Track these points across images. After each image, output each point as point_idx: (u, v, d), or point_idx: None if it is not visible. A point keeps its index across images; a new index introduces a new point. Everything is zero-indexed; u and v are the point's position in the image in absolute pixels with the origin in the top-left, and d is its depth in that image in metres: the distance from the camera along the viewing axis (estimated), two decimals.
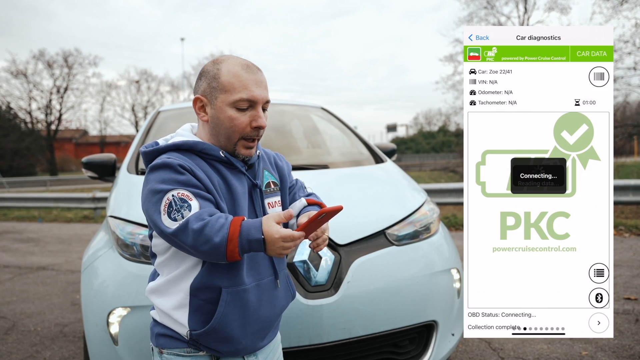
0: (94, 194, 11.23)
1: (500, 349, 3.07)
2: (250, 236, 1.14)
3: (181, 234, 1.15)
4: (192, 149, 1.29)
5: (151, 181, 1.22)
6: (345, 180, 2.75)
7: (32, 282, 5.34)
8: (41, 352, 3.32)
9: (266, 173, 1.43)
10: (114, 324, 1.97)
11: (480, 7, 24.93)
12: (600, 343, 3.06)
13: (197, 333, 1.27)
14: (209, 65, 1.33)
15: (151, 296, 1.36)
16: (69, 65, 39.17)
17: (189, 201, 1.17)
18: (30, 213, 12.78)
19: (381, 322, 2.04)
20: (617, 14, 17.42)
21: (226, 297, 1.26)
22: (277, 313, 1.40)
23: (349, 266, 2.02)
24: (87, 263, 2.28)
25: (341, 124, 3.66)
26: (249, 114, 1.29)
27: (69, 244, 7.99)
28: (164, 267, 1.33)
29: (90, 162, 3.09)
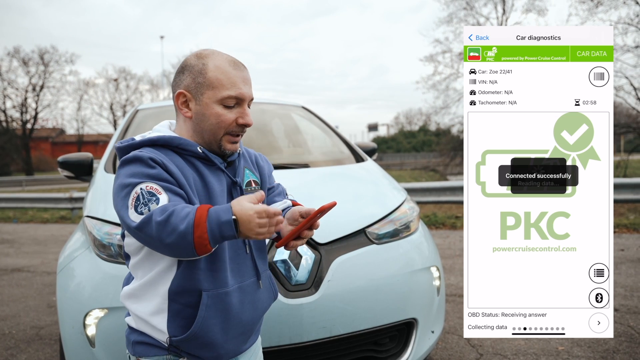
0: (70, 193, 11.02)
1: (479, 345, 3.10)
2: (220, 219, 1.06)
3: (145, 227, 1.08)
4: (168, 144, 1.24)
5: (121, 175, 1.17)
6: (326, 179, 2.75)
7: (7, 285, 5.22)
8: (16, 355, 3.25)
9: (247, 171, 1.39)
10: (90, 325, 1.94)
11: (460, 8, 25.15)
12: (576, 338, 3.12)
13: (177, 339, 1.22)
14: (192, 59, 1.28)
15: (126, 302, 1.29)
16: (45, 62, 38.30)
17: (157, 195, 1.11)
18: (5, 214, 12.48)
19: (361, 321, 2.04)
20: (593, 16, 17.79)
21: (207, 301, 1.21)
22: (259, 315, 1.36)
23: (329, 265, 2.02)
24: (63, 264, 2.24)
25: (322, 123, 3.66)
26: (236, 111, 1.26)
27: (45, 245, 7.83)
28: (138, 269, 1.27)
29: (67, 162, 3.03)
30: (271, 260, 1.95)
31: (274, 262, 1.95)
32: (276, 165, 2.78)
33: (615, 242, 6.14)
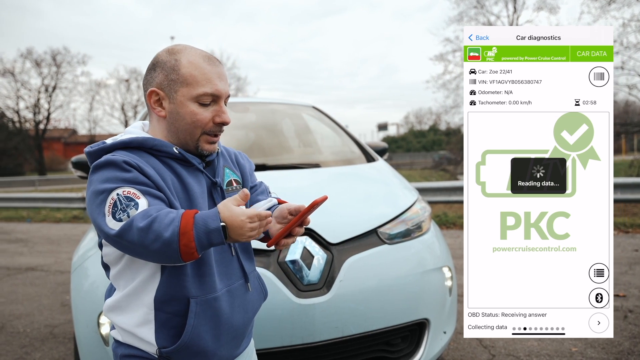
0: (83, 193, 11.13)
1: (491, 346, 3.08)
2: (208, 227, 1.02)
3: (126, 234, 1.02)
4: (142, 146, 1.17)
5: (94, 182, 1.10)
6: (337, 179, 2.75)
7: (21, 283, 5.28)
8: (31, 353, 3.29)
9: (227, 171, 1.34)
10: (104, 324, 1.96)
11: (470, 7, 25.00)
12: (590, 339, 3.09)
13: (167, 350, 1.16)
14: (163, 55, 1.21)
15: (110, 314, 1.23)
16: (57, 63, 38.76)
17: (136, 199, 1.05)
18: (19, 213, 12.64)
19: (373, 321, 2.04)
20: (605, 13, 17.56)
21: (195, 308, 1.16)
22: (250, 318, 1.32)
23: (341, 265, 2.02)
24: (77, 263, 2.26)
25: (332, 122, 3.65)
26: (212, 109, 1.21)
27: (58, 244, 7.91)
28: (120, 280, 1.21)
29: (80, 162, 3.06)
30: (283, 260, 1.96)
31: (285, 262, 1.96)
32: (286, 165, 2.79)
33: (629, 243, 6.07)
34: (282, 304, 1.89)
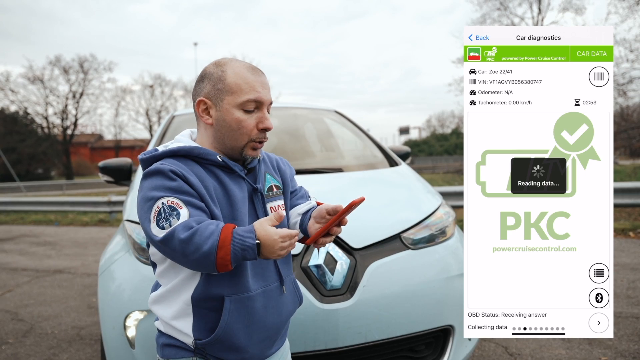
0: (109, 197, 11.36)
1: (517, 354, 3.03)
2: (245, 243, 1.12)
3: (169, 243, 1.12)
4: (188, 154, 1.27)
5: (144, 188, 1.20)
6: (360, 183, 2.74)
7: (49, 285, 5.41)
8: (58, 354, 3.36)
9: (268, 176, 1.40)
10: (130, 327, 1.99)
11: (493, 9, 24.79)
12: (620, 348, 3.01)
13: (202, 342, 1.25)
14: (211, 68, 1.31)
15: (153, 307, 1.34)
16: (85, 70, 39.75)
17: (178, 209, 1.14)
18: (47, 217, 12.96)
19: (397, 327, 2.02)
20: (633, 13, 17.19)
21: (229, 306, 1.24)
22: (283, 320, 1.37)
23: (364, 270, 2.01)
24: (104, 267, 2.30)
25: (355, 127, 3.65)
26: (256, 116, 1.28)
27: (85, 247, 8.08)
28: (164, 277, 1.31)
29: (107, 167, 3.13)
30: (306, 265, 1.96)
31: (308, 266, 1.96)
32: (309, 169, 2.79)
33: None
34: (305, 309, 1.88)
